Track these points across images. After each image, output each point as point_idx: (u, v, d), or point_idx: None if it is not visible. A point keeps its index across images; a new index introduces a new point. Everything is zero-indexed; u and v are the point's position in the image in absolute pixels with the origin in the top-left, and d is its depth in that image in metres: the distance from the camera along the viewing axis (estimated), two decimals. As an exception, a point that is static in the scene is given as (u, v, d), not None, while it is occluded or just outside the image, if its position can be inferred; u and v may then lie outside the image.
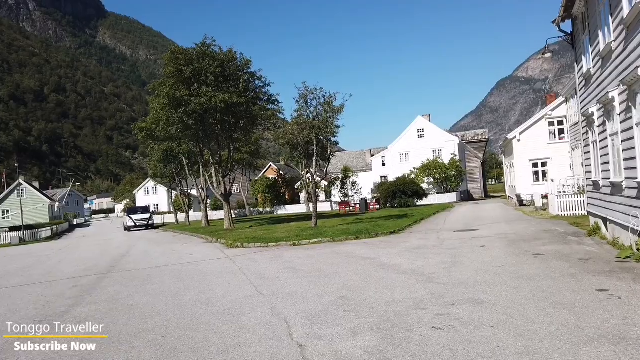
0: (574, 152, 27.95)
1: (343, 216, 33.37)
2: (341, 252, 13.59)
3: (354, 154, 71.29)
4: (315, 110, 21.20)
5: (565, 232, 14.28)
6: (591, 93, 12.38)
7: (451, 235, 15.89)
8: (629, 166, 9.14)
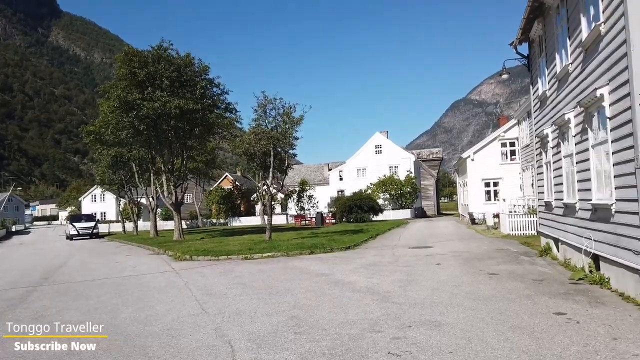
0: (524, 173, 28.81)
1: (298, 230, 32.88)
2: (295, 267, 13.08)
3: (311, 167, 71.13)
4: (274, 120, 20.74)
5: (517, 252, 14.39)
6: (546, 115, 12.59)
7: (406, 252, 15.72)
8: (583, 188, 9.21)
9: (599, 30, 7.66)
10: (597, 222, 8.43)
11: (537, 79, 13.75)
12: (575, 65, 9.42)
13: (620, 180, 7.13)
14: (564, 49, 10.40)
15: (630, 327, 5.61)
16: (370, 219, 41.03)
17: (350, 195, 44.86)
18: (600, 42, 7.72)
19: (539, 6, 11.98)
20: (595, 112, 8.28)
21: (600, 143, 8.14)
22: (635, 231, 6.60)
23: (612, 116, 7.36)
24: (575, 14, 9.15)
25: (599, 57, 7.84)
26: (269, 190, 21.19)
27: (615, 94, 7.13)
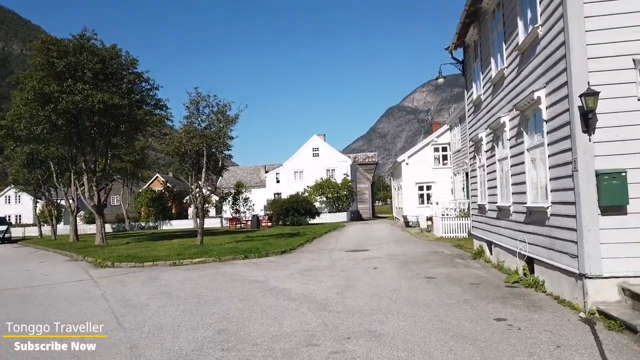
0: (455, 177, 29.70)
1: (233, 233, 31.80)
2: (227, 273, 12.29)
3: (248, 169, 69.77)
4: (208, 119, 19.75)
5: (451, 254, 14.50)
6: (481, 119, 12.75)
7: (343, 256, 15.40)
8: (518, 191, 9.26)
9: (536, 33, 7.67)
10: (532, 225, 8.47)
11: (471, 83, 13.95)
12: (511, 69, 9.49)
13: (557, 183, 7.13)
14: (499, 53, 10.50)
15: (571, 333, 5.49)
16: (307, 222, 40.69)
17: (287, 198, 44.23)
18: (538, 44, 7.74)
19: (475, 11, 12.11)
20: (531, 115, 8.32)
21: (536, 146, 8.18)
22: (571, 234, 6.58)
23: (549, 119, 7.37)
24: (512, 18, 9.21)
25: (536, 60, 7.86)
26: (202, 192, 20.14)
27: (553, 97, 7.14)
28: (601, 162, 6.19)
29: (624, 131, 6.18)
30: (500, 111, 10.43)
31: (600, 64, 6.25)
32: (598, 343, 5.02)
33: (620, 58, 6.21)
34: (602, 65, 6.25)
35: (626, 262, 6.08)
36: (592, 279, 6.12)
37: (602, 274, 6.09)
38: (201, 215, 20.08)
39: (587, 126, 6.20)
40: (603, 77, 6.17)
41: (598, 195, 6.13)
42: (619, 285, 6.07)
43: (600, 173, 6.09)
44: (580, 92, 6.16)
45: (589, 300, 6.13)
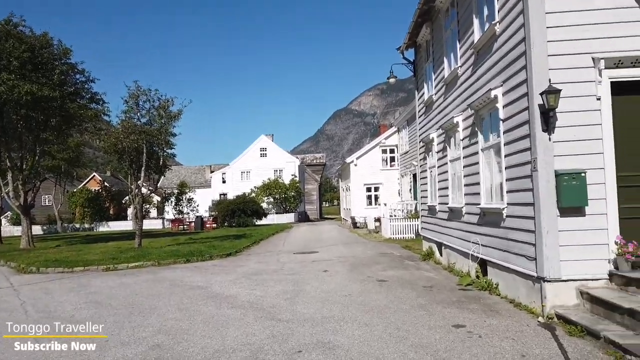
0: (402, 178, 29.94)
1: (175, 235, 30.36)
2: (166, 278, 11.40)
3: (192, 168, 67.60)
4: (148, 114, 18.55)
5: (401, 256, 14.33)
6: (432, 119, 12.63)
7: (291, 258, 14.84)
8: (471, 192, 9.11)
9: (493, 30, 7.49)
10: (486, 227, 8.31)
11: (423, 84, 13.84)
12: (466, 68, 9.34)
13: (513, 183, 6.96)
14: (453, 52, 10.36)
15: (533, 339, 5.24)
16: (254, 224, 39.71)
17: (233, 198, 43.02)
18: (495, 42, 7.57)
19: (428, 10, 11.96)
20: (487, 114, 8.16)
21: (491, 146, 8.02)
22: (529, 236, 6.40)
23: (506, 118, 7.19)
24: (467, 15, 9.05)
25: (493, 58, 7.68)
26: (140, 191, 18.89)
27: (510, 95, 6.96)
28: (560, 162, 6.03)
29: (582, 131, 6.05)
30: (453, 111, 10.28)
31: (561, 61, 6.10)
32: (563, 352, 4.78)
33: (580, 56, 6.09)
34: (562, 62, 6.10)
35: (584, 265, 5.94)
36: (551, 282, 5.95)
37: (561, 277, 5.92)
38: (140, 217, 18.84)
39: (547, 125, 6.02)
40: (563, 75, 6.02)
41: (557, 196, 5.97)
42: (577, 289, 5.93)
43: (560, 173, 5.93)
44: (541, 89, 5.97)
45: (547, 304, 5.94)
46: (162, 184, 61.48)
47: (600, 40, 6.06)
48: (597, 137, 6.04)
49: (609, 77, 6.02)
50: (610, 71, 6.00)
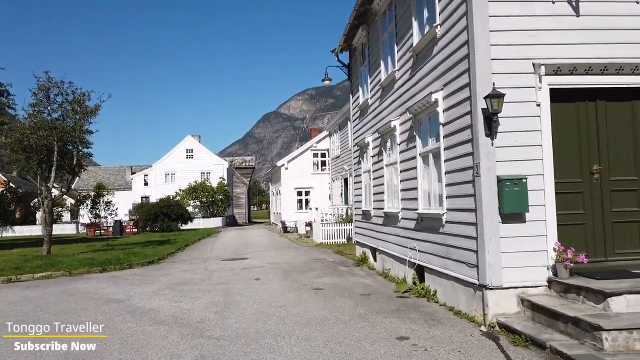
0: (333, 183, 29.97)
1: (91, 241, 28.11)
2: (78, 291, 10.22)
3: (111, 170, 63.55)
4: (61, 108, 16.86)
5: (334, 262, 14.06)
6: (367, 123, 12.49)
7: (220, 265, 14.06)
8: (408, 197, 8.98)
9: (434, 33, 7.38)
10: (423, 233, 8.19)
11: (358, 87, 13.70)
12: (404, 71, 9.22)
13: (454, 189, 6.85)
14: (390, 55, 10.24)
15: (479, 351, 5.06)
16: (179, 228, 37.87)
17: (156, 201, 40.74)
18: (435, 45, 7.46)
19: (365, 12, 11.83)
20: (426, 118, 8.05)
21: (429, 151, 7.91)
22: (469, 242, 6.29)
23: (446, 122, 7.09)
24: (406, 18, 8.94)
25: (433, 61, 7.58)
26: (50, 193, 17.09)
27: (451, 99, 6.86)
28: (502, 167, 5.97)
29: (523, 136, 6.04)
30: (390, 115, 10.15)
31: (503, 66, 6.06)
32: (511, 363, 4.62)
33: (522, 62, 6.08)
34: (504, 67, 6.06)
35: (524, 272, 5.91)
36: (493, 289, 5.85)
37: (502, 284, 5.84)
38: (49, 221, 17.02)
39: (490, 130, 5.94)
40: (505, 80, 5.96)
41: (499, 202, 5.89)
42: (518, 296, 5.88)
43: (503, 179, 5.85)
44: (485, 93, 5.88)
45: (489, 312, 5.84)
46: (78, 185, 57.24)
47: (540, 46, 6.09)
48: (537, 144, 6.05)
49: (548, 83, 6.06)
50: (550, 78, 6.04)
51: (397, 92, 9.71)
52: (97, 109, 16.94)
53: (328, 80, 15.09)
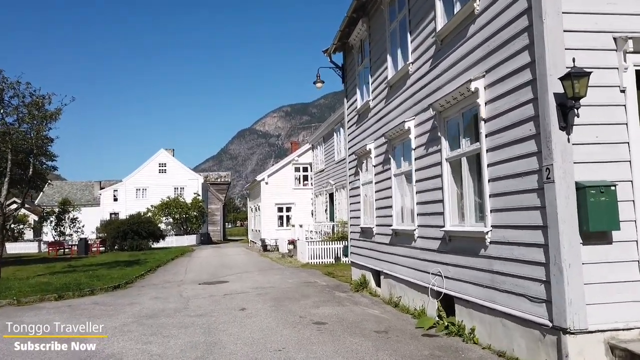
0: (317, 198, 28.41)
1: (52, 261, 25.62)
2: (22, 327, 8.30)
3: (78, 184, 60.44)
4: (16, 112, 14.90)
5: (328, 286, 12.46)
6: (368, 128, 11.05)
7: (197, 291, 12.25)
8: (429, 211, 7.51)
9: (471, 9, 6.01)
10: (452, 255, 6.71)
11: (355, 90, 12.30)
12: (421, 63, 7.84)
13: (504, 200, 5.41)
14: (401, 48, 8.89)
15: None
16: (150, 247, 35.48)
17: (125, 218, 38.20)
18: (472, 24, 6.09)
19: (365, 3, 10.51)
20: (458, 114, 6.62)
21: (462, 154, 6.47)
22: (534, 270, 4.83)
23: (490, 117, 5.68)
24: (425, 0, 7.59)
25: (468, 45, 6.19)
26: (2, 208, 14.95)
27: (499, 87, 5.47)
28: (581, 171, 4.56)
29: (604, 131, 4.67)
30: (401, 116, 8.73)
31: (578, 40, 4.70)
32: None
33: (601, 35, 4.74)
34: (579, 41, 4.70)
35: (614, 309, 4.47)
36: (575, 334, 4.37)
37: (587, 327, 4.37)
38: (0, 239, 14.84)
39: (565, 122, 4.54)
40: (580, 59, 4.58)
41: (580, 216, 4.47)
42: (607, 342, 4.42)
43: (585, 186, 4.44)
44: (557, 73, 4.50)
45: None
46: (42, 200, 54.08)
47: (624, 17, 4.77)
48: (623, 141, 4.68)
49: (634, 63, 4.72)
50: (637, 56, 4.70)
51: (411, 89, 8.31)
52: (57, 113, 15.04)
53: (320, 82, 13.65)
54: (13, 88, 14.87)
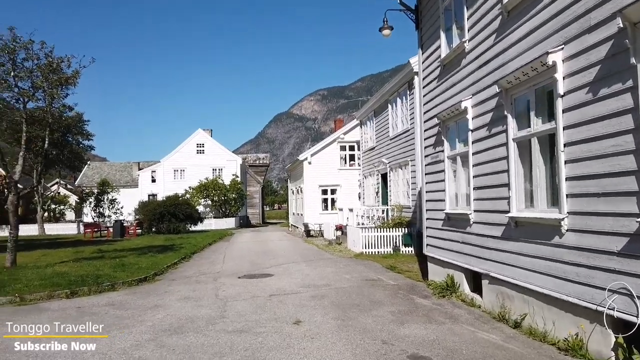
0: (365, 180, 25.67)
1: (85, 244, 24.12)
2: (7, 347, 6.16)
3: (117, 165, 59.97)
4: (29, 75, 12.89)
5: (398, 286, 9.86)
6: (461, 81, 8.25)
7: (237, 289, 9.93)
8: (596, 191, 4.73)
9: None
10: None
11: (436, 34, 9.46)
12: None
13: None
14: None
15: None
16: (188, 230, 33.86)
17: (163, 200, 36.66)
18: None
19: None
20: None
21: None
22: None
23: None
24: None
25: None
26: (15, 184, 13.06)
27: None
28: None
29: None
30: (531, 50, 5.91)
31: None
32: None
33: None
34: None
35: None
36: None
37: None
38: (13, 223, 12.91)
39: None
40: None
41: None
42: None
43: None
44: None
45: None
46: (82, 181, 53.82)
47: None
48: None
49: None
50: None
51: (551, 7, 5.47)
52: (75, 76, 12.95)
53: (388, 28, 10.87)
54: (26, 48, 12.87)
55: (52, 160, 37.50)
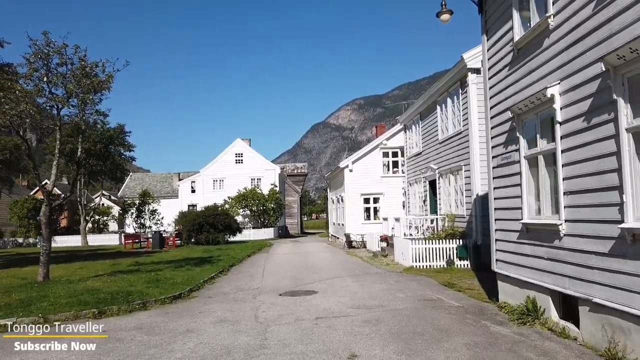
0: (410, 187, 24.22)
1: (124, 256, 23.79)
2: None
3: (157, 176, 60.65)
4: (61, 79, 12.38)
5: (464, 308, 8.49)
6: (542, 65, 6.88)
7: (279, 310, 8.81)
8: None
9: None
10: None
11: (508, 14, 8.14)
12: None
13: None
14: None
15: None
16: (226, 240, 33.26)
17: (201, 210, 36.29)
18: None
19: None
20: None
21: None
22: None
23: None
24: None
25: None
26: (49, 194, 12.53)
27: None
28: None
29: None
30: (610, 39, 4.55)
31: None
32: None
33: None
34: None
35: None
36: None
37: None
38: (46, 235, 12.39)
39: None
40: None
41: None
42: None
43: None
44: None
45: None
46: (124, 192, 54.62)
47: None
48: None
49: None
50: None
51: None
52: (108, 80, 12.34)
53: (447, 13, 9.61)
54: (59, 53, 12.38)
55: (95, 171, 38.01)
